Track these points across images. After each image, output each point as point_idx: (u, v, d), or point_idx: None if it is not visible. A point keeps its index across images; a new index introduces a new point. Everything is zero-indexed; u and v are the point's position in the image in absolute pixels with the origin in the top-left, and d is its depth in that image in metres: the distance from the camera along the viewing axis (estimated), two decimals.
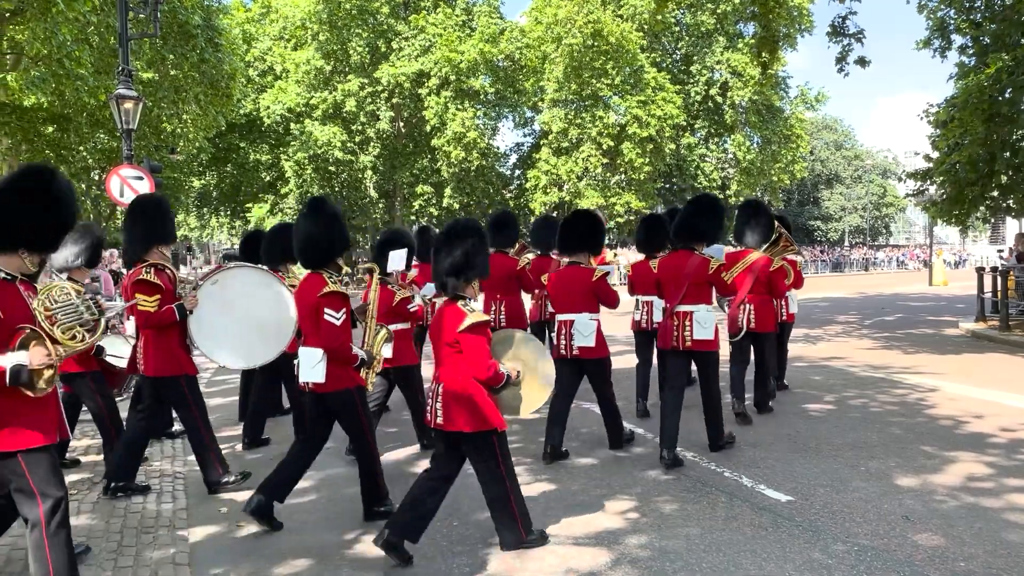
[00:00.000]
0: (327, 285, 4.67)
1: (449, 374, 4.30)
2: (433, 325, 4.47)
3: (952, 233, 63.78)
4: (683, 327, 6.01)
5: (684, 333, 6.00)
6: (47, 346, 3.44)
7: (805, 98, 43.86)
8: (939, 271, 32.23)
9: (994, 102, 14.13)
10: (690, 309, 6.01)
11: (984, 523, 4.73)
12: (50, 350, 3.44)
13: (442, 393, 4.29)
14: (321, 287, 4.67)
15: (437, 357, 4.41)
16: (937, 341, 13.59)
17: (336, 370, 4.72)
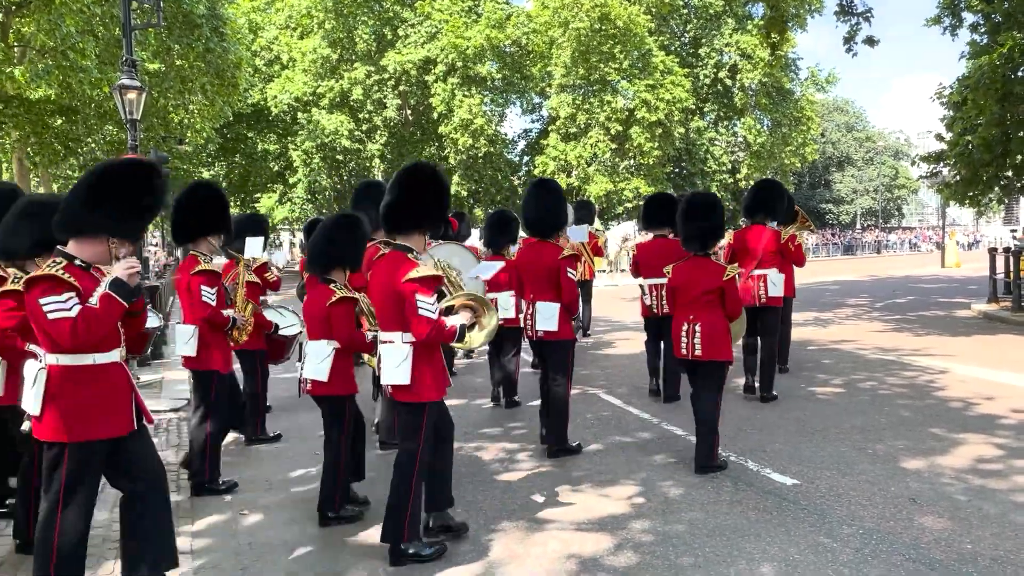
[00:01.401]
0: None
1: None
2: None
3: (965, 214, 63.33)
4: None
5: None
6: None
7: (815, 80, 43.43)
8: (952, 253, 31.94)
9: (1007, 81, 13.93)
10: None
11: (992, 505, 4.67)
12: None
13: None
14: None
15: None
16: (948, 323, 13.47)
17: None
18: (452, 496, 4.47)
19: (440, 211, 4.33)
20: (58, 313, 3.19)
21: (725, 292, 5.41)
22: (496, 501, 5.04)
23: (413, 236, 4.21)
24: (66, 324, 3.19)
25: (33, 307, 3.25)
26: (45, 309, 3.20)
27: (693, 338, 5.43)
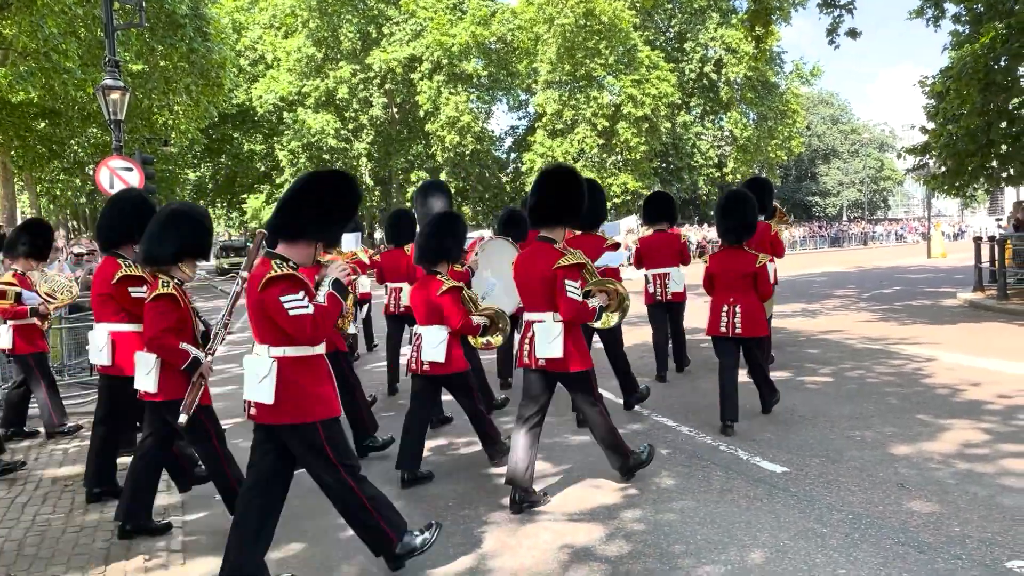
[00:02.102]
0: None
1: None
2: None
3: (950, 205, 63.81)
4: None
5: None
6: None
7: (800, 73, 43.66)
8: (937, 243, 32.16)
9: (990, 71, 14.04)
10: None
11: (979, 488, 4.71)
12: None
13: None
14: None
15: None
16: (935, 312, 13.56)
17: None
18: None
19: (578, 207, 4.74)
20: (299, 310, 3.51)
21: (758, 277, 6.10)
22: (488, 493, 5.05)
23: (556, 229, 4.72)
24: (307, 320, 3.52)
25: (274, 304, 3.51)
26: (287, 306, 3.49)
27: (734, 318, 6.11)
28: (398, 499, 4.98)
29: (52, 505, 5.11)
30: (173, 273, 4.36)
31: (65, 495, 5.30)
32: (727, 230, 6.21)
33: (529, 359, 4.75)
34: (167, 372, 4.29)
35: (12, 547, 4.40)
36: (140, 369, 4.33)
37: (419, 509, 4.80)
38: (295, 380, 3.61)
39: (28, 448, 6.64)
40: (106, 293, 4.98)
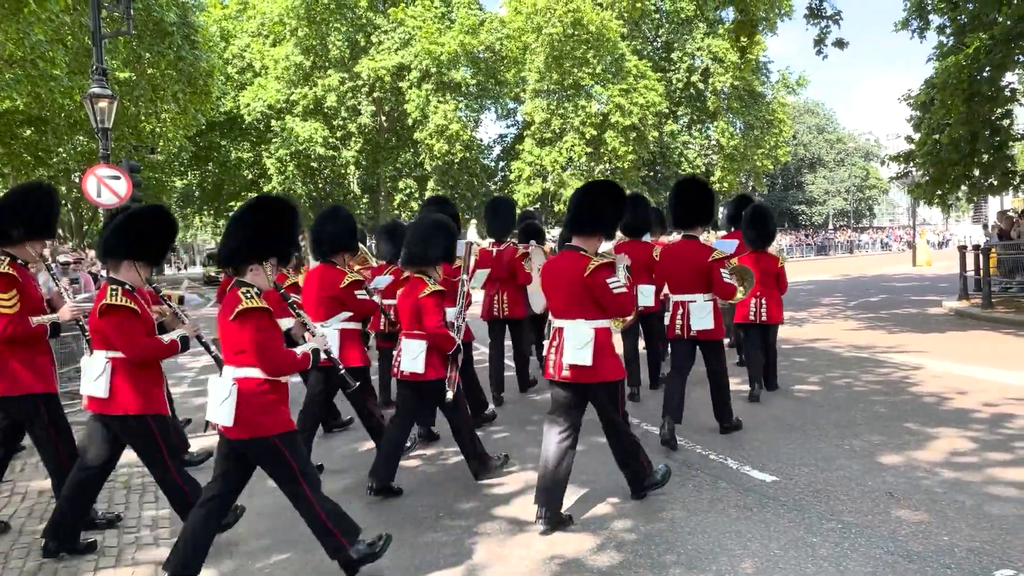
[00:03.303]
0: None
1: None
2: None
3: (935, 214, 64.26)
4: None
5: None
6: None
7: (786, 82, 43.96)
8: (923, 252, 32.41)
9: (974, 81, 14.18)
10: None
11: (967, 497, 4.75)
12: None
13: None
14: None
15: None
16: (921, 320, 13.66)
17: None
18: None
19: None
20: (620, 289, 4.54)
21: (779, 276, 7.69)
22: (479, 503, 5.04)
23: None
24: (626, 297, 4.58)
25: (603, 287, 4.47)
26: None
27: (760, 308, 7.56)
28: (387, 510, 4.96)
29: (39, 518, 5.06)
30: (430, 272, 5.29)
31: (51, 507, 5.24)
32: (754, 238, 7.65)
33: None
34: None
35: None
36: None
37: (409, 519, 4.79)
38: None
39: (14, 459, 6.57)
40: None
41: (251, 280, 3.82)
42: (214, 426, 3.82)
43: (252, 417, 3.70)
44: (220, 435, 3.85)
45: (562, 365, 4.59)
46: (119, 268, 4.20)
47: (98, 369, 4.13)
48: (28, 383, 4.54)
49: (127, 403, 4.15)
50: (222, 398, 3.68)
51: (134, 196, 11.36)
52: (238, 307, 3.64)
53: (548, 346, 4.82)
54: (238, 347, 3.71)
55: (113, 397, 4.15)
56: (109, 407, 4.17)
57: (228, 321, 3.70)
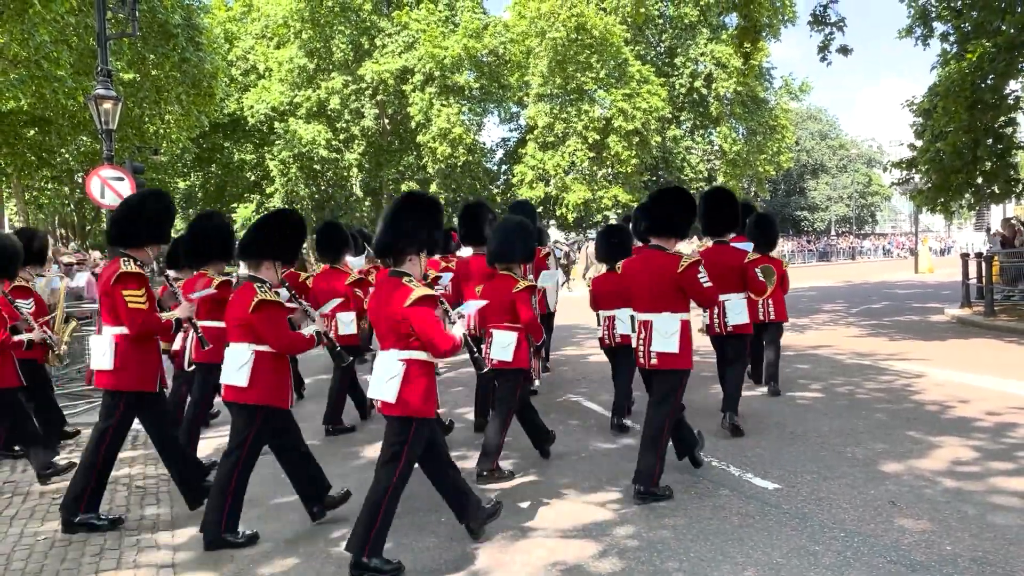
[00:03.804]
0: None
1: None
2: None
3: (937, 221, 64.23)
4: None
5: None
6: None
7: (789, 88, 43.98)
8: (925, 259, 32.40)
9: (976, 89, 14.19)
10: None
11: (970, 506, 4.74)
12: None
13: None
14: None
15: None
16: (923, 328, 13.64)
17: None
18: None
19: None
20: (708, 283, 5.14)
21: (783, 278, 7.86)
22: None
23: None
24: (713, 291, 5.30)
25: (694, 282, 5.02)
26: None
27: (768, 308, 7.83)
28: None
29: (40, 519, 5.06)
30: (515, 271, 5.76)
31: (53, 508, 5.25)
32: (764, 243, 7.83)
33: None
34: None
35: (0, 562, 4.36)
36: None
37: (410, 524, 4.78)
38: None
39: (16, 460, 6.57)
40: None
41: (408, 270, 4.12)
42: (374, 403, 4.16)
43: (409, 397, 4.01)
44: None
45: (650, 354, 5.05)
46: (259, 268, 4.54)
47: (242, 359, 4.40)
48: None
49: (261, 393, 4.43)
50: (389, 376, 3.98)
51: None
52: (412, 295, 3.93)
53: (636, 338, 5.25)
54: (405, 331, 3.96)
55: (252, 387, 4.40)
56: (244, 396, 4.43)
57: (402, 308, 3.94)
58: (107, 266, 4.93)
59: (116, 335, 4.68)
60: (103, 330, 4.79)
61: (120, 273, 4.60)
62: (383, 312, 4.06)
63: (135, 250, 4.77)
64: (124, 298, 4.57)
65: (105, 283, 4.69)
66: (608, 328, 7.00)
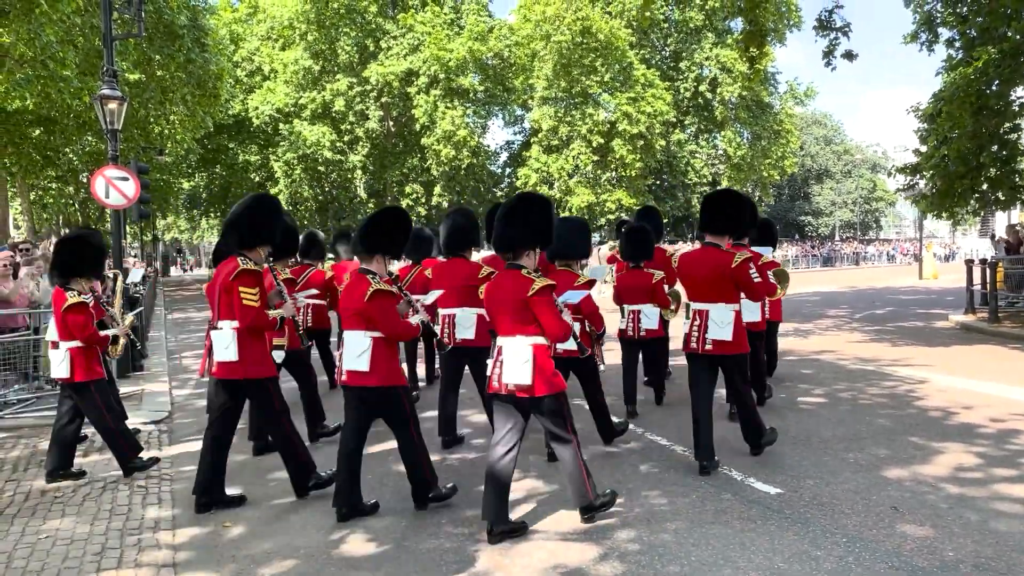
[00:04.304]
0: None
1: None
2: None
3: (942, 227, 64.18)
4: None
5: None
6: None
7: (794, 93, 43.98)
8: (929, 264, 32.33)
9: (981, 95, 14.16)
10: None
11: (973, 513, 4.72)
12: None
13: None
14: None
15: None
16: (927, 334, 13.62)
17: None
18: None
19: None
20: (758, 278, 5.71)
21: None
22: (481, 511, 5.01)
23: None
24: (763, 285, 5.80)
25: (748, 276, 5.59)
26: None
27: (765, 308, 7.55)
28: (391, 516, 4.96)
29: (42, 517, 5.07)
30: (574, 267, 6.37)
31: (55, 506, 5.26)
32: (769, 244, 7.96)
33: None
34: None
35: (1, 560, 4.36)
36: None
37: (412, 526, 4.78)
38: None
39: (18, 458, 6.59)
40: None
41: (525, 263, 4.60)
42: (504, 386, 4.49)
43: (537, 378, 4.43)
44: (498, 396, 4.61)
45: (704, 340, 5.58)
46: (371, 261, 4.95)
47: (361, 347, 4.80)
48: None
49: (383, 376, 4.82)
50: (523, 360, 4.41)
51: (142, 197, 11.39)
52: (535, 285, 4.40)
53: (690, 327, 5.73)
54: (530, 318, 4.44)
55: (373, 371, 4.79)
56: (368, 379, 4.81)
57: (527, 296, 4.40)
58: (223, 264, 5.21)
59: (236, 328, 5.03)
60: (222, 324, 5.09)
61: (240, 270, 4.95)
62: (504, 298, 4.52)
63: (249, 251, 5.14)
64: (240, 294, 4.94)
65: (225, 280, 5.02)
66: (634, 322, 7.46)
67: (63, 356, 5.68)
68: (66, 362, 5.68)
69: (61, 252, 5.88)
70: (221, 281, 5.06)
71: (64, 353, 5.69)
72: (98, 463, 6.39)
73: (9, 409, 8.12)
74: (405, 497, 5.30)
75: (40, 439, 7.25)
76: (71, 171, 27.27)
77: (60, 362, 5.70)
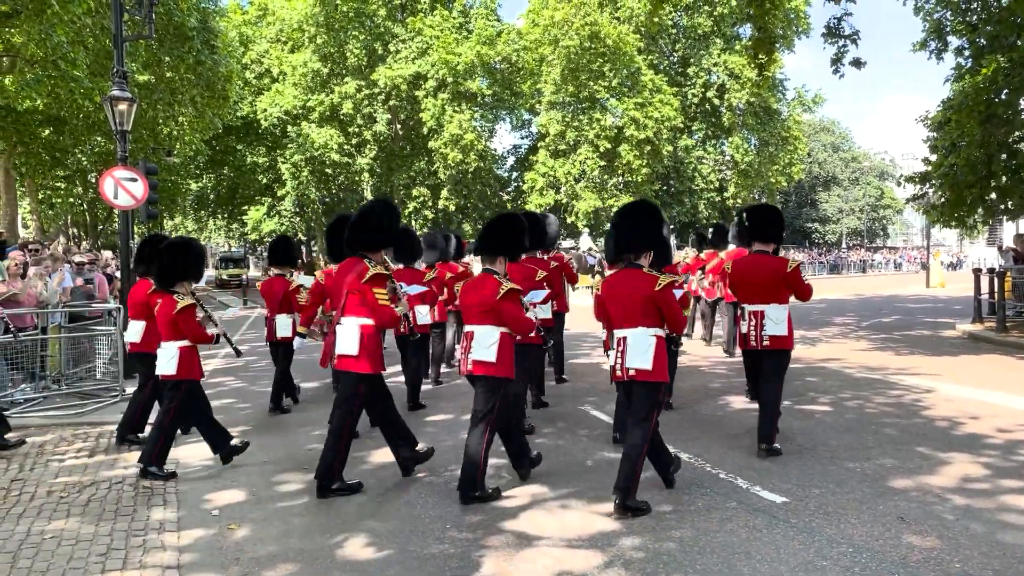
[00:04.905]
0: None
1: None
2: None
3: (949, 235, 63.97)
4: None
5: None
6: None
7: (802, 100, 43.91)
8: (936, 273, 32.23)
9: (990, 104, 14.11)
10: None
11: (979, 524, 4.69)
12: None
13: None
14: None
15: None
16: (934, 343, 13.56)
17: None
18: None
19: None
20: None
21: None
22: (486, 517, 5.02)
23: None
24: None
25: (800, 279, 6.41)
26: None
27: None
28: (395, 520, 4.96)
29: (47, 517, 5.08)
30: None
31: (60, 507, 5.27)
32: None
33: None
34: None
35: (6, 560, 4.37)
36: None
37: (416, 530, 4.78)
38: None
39: (24, 457, 6.61)
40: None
41: (643, 263, 5.17)
42: (626, 371, 5.03)
43: (661, 364, 5.01)
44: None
45: (762, 337, 6.17)
46: (494, 262, 5.44)
47: (491, 339, 5.29)
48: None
49: (507, 367, 5.34)
50: (647, 348, 4.98)
51: (150, 198, 11.42)
52: (661, 281, 5.00)
53: (748, 327, 6.32)
54: (653, 312, 5.03)
55: (500, 362, 5.29)
56: (493, 370, 5.29)
57: (653, 291, 4.97)
58: (347, 265, 5.59)
59: (363, 325, 5.38)
60: (346, 320, 5.44)
61: (373, 274, 5.34)
62: (627, 294, 5.08)
63: (373, 253, 5.54)
64: (375, 296, 5.36)
65: (354, 280, 5.39)
66: None
67: (173, 354, 5.98)
68: (175, 360, 5.99)
69: (166, 257, 6.17)
70: (350, 281, 5.41)
71: (174, 351, 6.00)
72: (103, 462, 6.41)
73: (16, 408, 8.15)
74: (409, 502, 5.31)
75: (46, 438, 7.29)
76: (79, 171, 27.39)
77: (169, 360, 6.00)
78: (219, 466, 6.32)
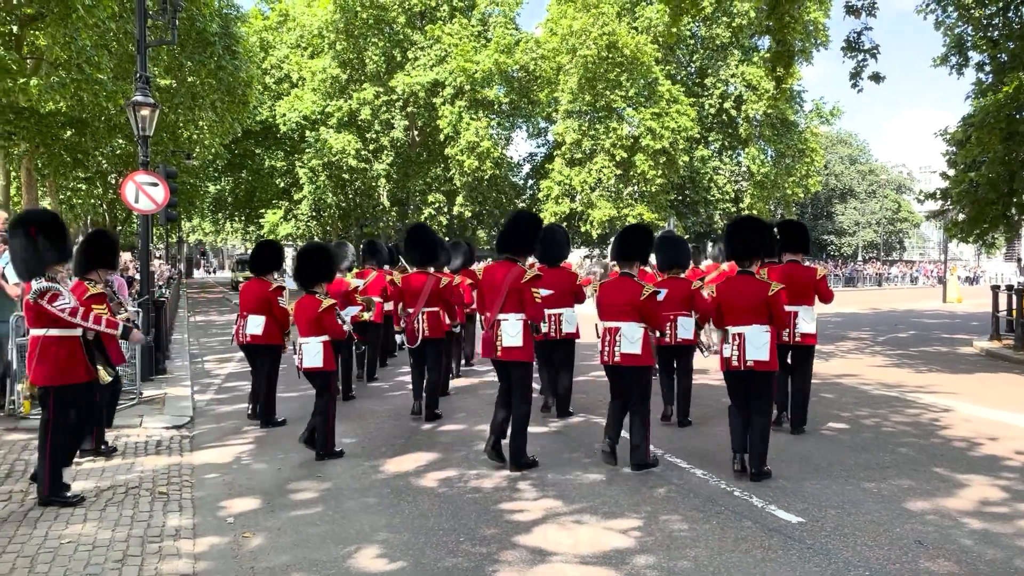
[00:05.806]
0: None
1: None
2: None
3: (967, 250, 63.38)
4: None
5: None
6: None
7: (820, 112, 43.71)
8: (953, 288, 31.98)
9: (1012, 120, 14.01)
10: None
11: (997, 550, 4.64)
12: None
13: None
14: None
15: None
16: (951, 360, 13.45)
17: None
18: None
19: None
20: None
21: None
22: (499, 530, 5.01)
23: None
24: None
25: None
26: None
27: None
28: (409, 531, 4.96)
29: (65, 522, 5.11)
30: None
31: (77, 511, 5.30)
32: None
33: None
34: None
35: (24, 564, 4.40)
36: None
37: (430, 543, 4.78)
38: None
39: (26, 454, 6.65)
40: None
41: (633, 271, 6.35)
42: (744, 362, 5.98)
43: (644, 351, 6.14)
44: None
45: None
46: (632, 267, 6.35)
47: (637, 335, 6.13)
48: None
49: (648, 356, 6.25)
50: (764, 342, 5.99)
51: (170, 201, 11.50)
52: (774, 287, 6.03)
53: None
54: (765, 312, 6.03)
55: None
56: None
57: (769, 296, 6.00)
58: (501, 266, 6.49)
59: (523, 320, 6.27)
60: (508, 316, 6.29)
61: (532, 276, 6.32)
62: (745, 296, 6.06)
63: (523, 257, 6.62)
64: (532, 295, 6.26)
65: (515, 280, 6.26)
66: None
67: (319, 349, 6.70)
68: (321, 354, 6.71)
69: (306, 262, 6.94)
70: (511, 281, 6.27)
71: (319, 346, 6.71)
72: (120, 467, 6.45)
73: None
74: (423, 513, 5.31)
75: None
76: (100, 173, 27.64)
77: (316, 354, 6.70)
78: (234, 473, 6.34)
